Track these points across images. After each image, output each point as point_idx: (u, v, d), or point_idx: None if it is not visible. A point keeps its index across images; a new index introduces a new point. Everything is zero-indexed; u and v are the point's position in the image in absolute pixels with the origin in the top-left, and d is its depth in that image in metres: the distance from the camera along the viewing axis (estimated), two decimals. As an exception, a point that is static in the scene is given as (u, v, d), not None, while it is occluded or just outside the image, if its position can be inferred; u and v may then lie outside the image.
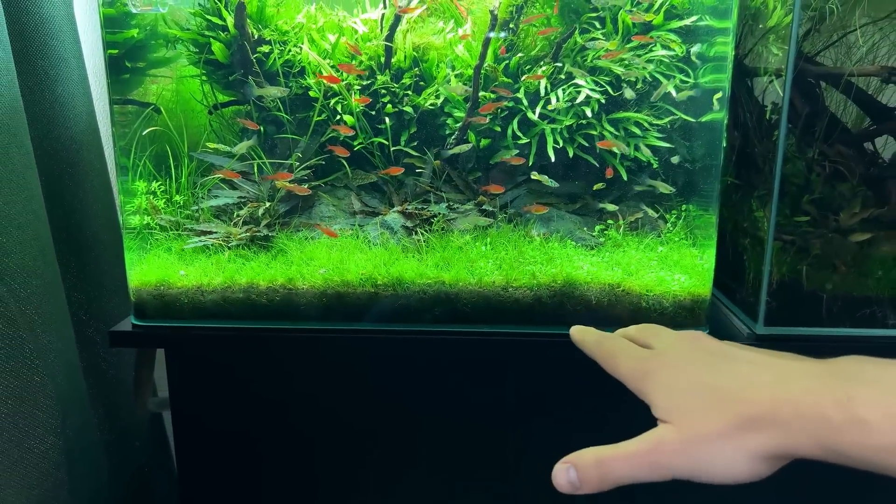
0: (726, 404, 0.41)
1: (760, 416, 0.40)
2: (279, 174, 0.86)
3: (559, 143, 0.87)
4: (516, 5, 0.89)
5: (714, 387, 0.43)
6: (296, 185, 0.86)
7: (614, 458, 0.44)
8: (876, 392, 0.37)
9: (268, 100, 0.89)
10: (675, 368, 0.47)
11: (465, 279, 0.83)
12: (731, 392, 0.42)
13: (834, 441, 0.37)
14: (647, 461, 0.43)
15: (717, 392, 0.43)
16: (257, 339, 0.84)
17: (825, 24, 0.86)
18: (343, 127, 0.87)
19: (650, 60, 0.87)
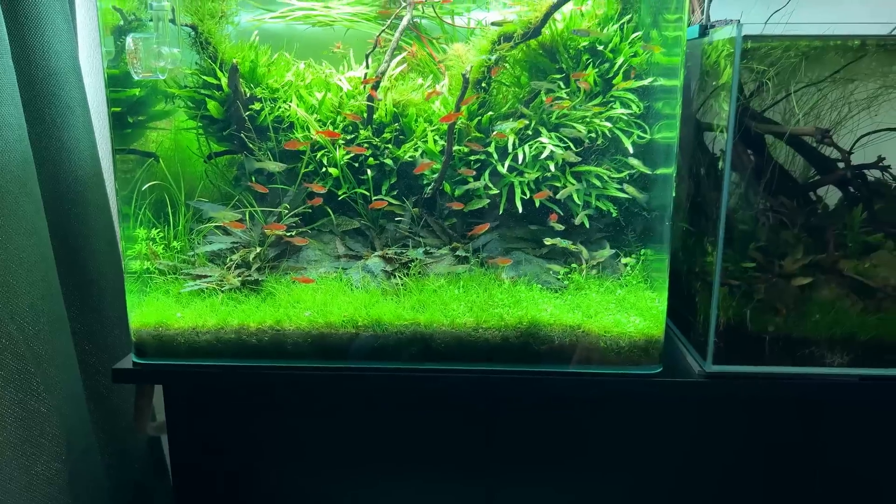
0: None
1: None
2: (273, 225, 0.93)
3: (526, 193, 0.95)
4: (488, 66, 0.97)
5: None
6: (296, 238, 0.94)
7: None
8: None
9: (259, 153, 0.97)
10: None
11: (439, 321, 0.91)
12: None
13: None
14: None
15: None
16: (247, 376, 0.92)
17: (771, 84, 0.94)
18: (316, 185, 0.95)
19: (610, 118, 0.95)
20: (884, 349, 0.89)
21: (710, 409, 0.94)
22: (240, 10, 0.99)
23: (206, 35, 0.96)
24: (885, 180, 0.97)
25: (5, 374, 0.94)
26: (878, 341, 0.90)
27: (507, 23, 0.94)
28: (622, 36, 0.95)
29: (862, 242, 0.93)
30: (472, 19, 1.01)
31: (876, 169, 0.98)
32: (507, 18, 0.94)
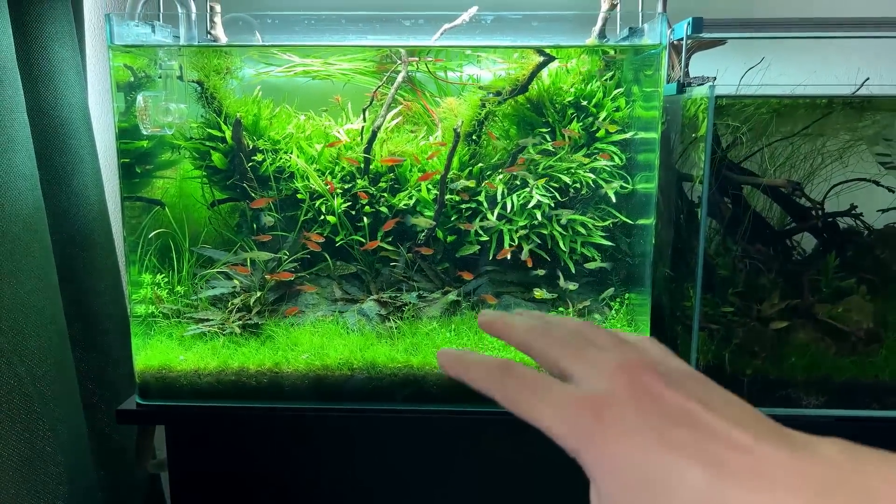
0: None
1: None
2: (282, 273, 0.98)
3: (514, 241, 1.00)
4: (478, 120, 1.03)
5: (679, 477, 0.32)
6: (306, 286, 0.99)
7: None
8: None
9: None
10: (624, 435, 0.34)
11: (432, 363, 0.95)
12: (700, 491, 0.32)
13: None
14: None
15: (685, 486, 0.32)
16: (247, 417, 0.95)
17: (745, 138, 1.00)
18: (312, 242, 1.00)
19: (593, 169, 1.00)
20: (858, 391, 0.93)
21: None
22: (243, 65, 1.05)
23: (211, 90, 1.02)
24: (857, 227, 1.02)
25: (13, 413, 0.97)
26: (853, 383, 0.94)
27: (492, 86, 1.00)
28: (605, 91, 1.00)
29: (835, 287, 0.97)
30: (463, 75, 1.06)
31: (849, 216, 1.03)
32: (488, 96, 1.00)
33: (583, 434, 0.34)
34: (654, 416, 0.34)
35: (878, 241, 1.03)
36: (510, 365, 0.40)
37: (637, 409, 0.34)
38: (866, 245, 1.02)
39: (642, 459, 0.32)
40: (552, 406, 0.36)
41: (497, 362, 0.41)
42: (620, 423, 0.34)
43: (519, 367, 0.39)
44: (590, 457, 0.34)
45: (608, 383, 0.36)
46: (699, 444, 0.32)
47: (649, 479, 0.32)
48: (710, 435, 0.32)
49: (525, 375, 0.38)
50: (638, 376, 0.36)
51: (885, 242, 1.02)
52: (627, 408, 0.34)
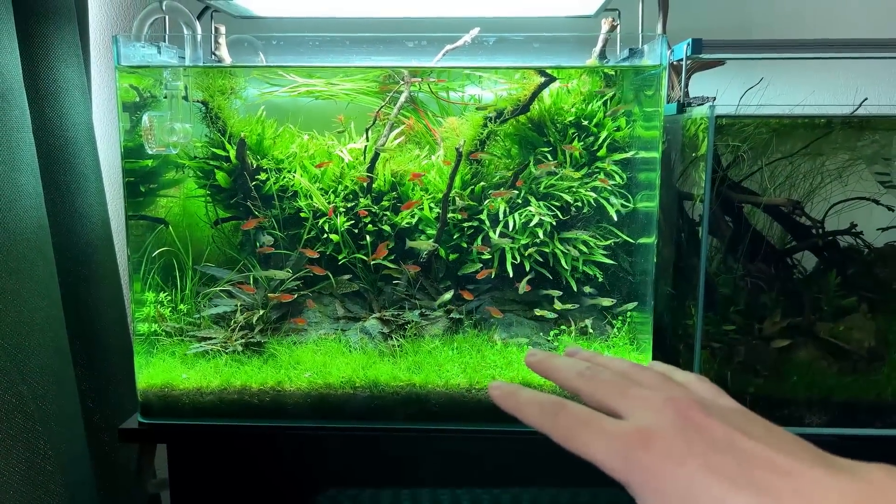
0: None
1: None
2: (282, 295, 0.98)
3: (517, 258, 1.00)
4: (480, 139, 1.03)
5: (724, 502, 0.34)
6: (310, 301, 1.00)
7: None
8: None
9: (264, 220, 1.02)
10: (671, 462, 0.36)
11: (434, 381, 0.95)
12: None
13: None
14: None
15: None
16: (249, 436, 0.95)
17: (745, 157, 1.00)
18: (309, 251, 1.01)
19: (595, 188, 1.00)
20: (859, 409, 0.93)
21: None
22: (248, 86, 1.06)
23: (216, 110, 1.03)
24: (858, 246, 1.03)
25: (14, 432, 0.97)
26: (854, 401, 0.94)
27: (490, 107, 1.01)
28: (605, 111, 1.01)
29: (837, 306, 0.98)
30: (465, 95, 1.07)
31: (849, 235, 1.04)
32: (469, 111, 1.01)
33: (633, 464, 0.37)
34: (699, 446, 0.36)
35: (879, 260, 1.03)
36: (563, 403, 0.42)
37: (684, 439, 0.36)
38: (867, 263, 1.02)
39: (690, 486, 0.35)
40: (603, 440, 0.38)
41: (550, 400, 0.42)
42: (668, 452, 0.36)
43: (571, 405, 0.41)
44: (640, 486, 0.36)
45: (656, 417, 0.38)
46: (744, 470, 0.34)
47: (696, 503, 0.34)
48: (754, 461, 0.34)
49: (577, 413, 0.41)
50: (684, 410, 0.38)
51: (886, 261, 1.03)
52: (675, 438, 0.37)
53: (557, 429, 0.41)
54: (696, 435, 0.37)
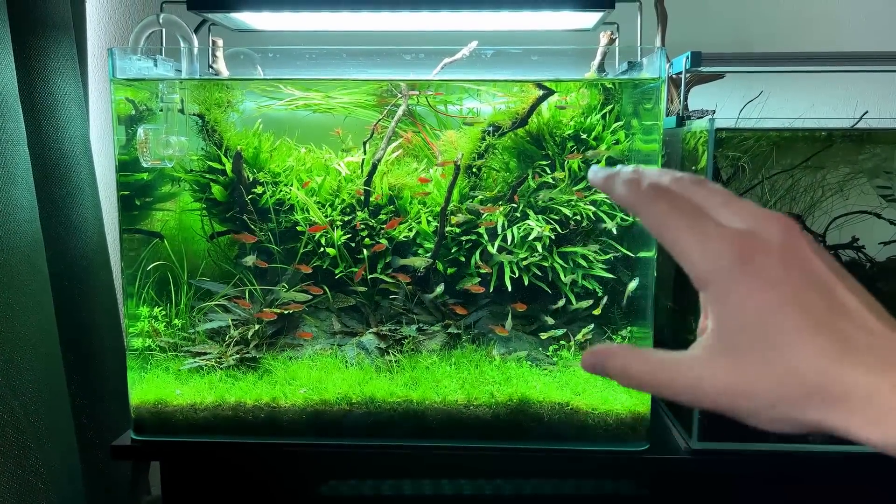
0: (807, 370, 0.33)
1: (844, 398, 0.32)
2: (265, 312, 0.97)
3: (515, 273, 0.99)
4: (478, 152, 1.03)
5: (801, 339, 0.33)
6: (312, 287, 0.99)
7: (639, 360, 0.37)
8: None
9: (260, 234, 1.01)
10: (764, 282, 0.34)
11: (431, 397, 0.94)
12: (817, 357, 0.33)
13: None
14: (682, 383, 0.36)
15: (803, 349, 0.33)
16: (244, 453, 0.93)
17: (746, 170, 1.00)
18: (303, 266, 1.00)
19: (594, 201, 1.00)
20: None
21: (697, 485, 0.96)
22: (244, 99, 1.06)
23: (212, 123, 1.02)
24: (860, 260, 1.01)
25: (5, 448, 0.96)
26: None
27: (477, 123, 1.01)
28: (604, 125, 1.01)
29: (839, 321, 0.96)
30: (464, 108, 1.07)
31: (850, 249, 1.03)
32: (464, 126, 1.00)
33: (723, 269, 0.35)
34: (796, 275, 0.34)
35: (881, 274, 1.02)
36: (665, 188, 0.38)
37: (783, 261, 0.35)
38: (868, 278, 1.01)
39: (773, 311, 0.34)
40: (700, 233, 0.36)
41: (652, 181, 0.38)
42: (764, 269, 0.34)
43: (673, 192, 0.38)
44: (722, 292, 0.35)
45: (762, 230, 0.36)
46: (831, 314, 0.33)
47: (773, 330, 0.33)
48: (842, 309, 0.34)
49: (679, 200, 0.37)
50: (792, 232, 0.36)
51: (888, 275, 1.02)
52: (774, 256, 0.35)
53: (653, 213, 0.38)
54: (797, 263, 0.35)
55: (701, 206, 0.37)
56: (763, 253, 0.35)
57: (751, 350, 0.34)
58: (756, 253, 0.35)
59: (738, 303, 0.34)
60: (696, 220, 0.36)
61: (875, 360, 0.32)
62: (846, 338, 0.33)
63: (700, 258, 0.36)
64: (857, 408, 0.31)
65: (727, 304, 0.35)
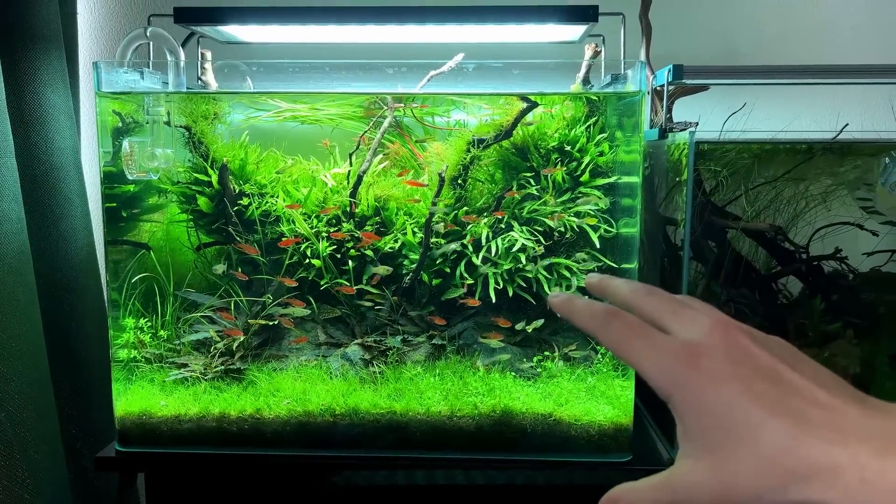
0: (774, 455, 0.34)
1: (814, 474, 0.33)
2: (233, 330, 0.98)
3: (500, 283, 0.99)
4: (463, 164, 1.03)
5: (761, 426, 0.35)
6: (295, 300, 0.98)
7: (629, 493, 0.39)
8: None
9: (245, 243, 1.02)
10: (714, 383, 0.37)
11: (415, 409, 0.94)
12: (780, 441, 0.34)
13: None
14: (683, 499, 0.37)
15: (766, 435, 0.35)
16: (228, 464, 0.94)
17: (727, 182, 1.00)
18: (287, 279, 1.00)
19: (577, 213, 1.00)
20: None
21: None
22: (231, 111, 1.06)
23: (198, 135, 1.03)
24: (843, 271, 1.02)
25: (-9, 460, 0.96)
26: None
27: (461, 135, 1.02)
28: (588, 136, 1.01)
29: (822, 332, 0.97)
30: (451, 120, 1.07)
31: (833, 260, 1.03)
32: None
33: (677, 379, 0.38)
34: (743, 369, 0.37)
35: (864, 285, 1.03)
36: (617, 312, 0.42)
37: (728, 361, 0.37)
38: (852, 289, 1.02)
39: (730, 408, 0.36)
40: (651, 350, 0.39)
41: (604, 308, 0.43)
42: (712, 371, 0.37)
43: (625, 315, 0.42)
44: (681, 400, 0.38)
45: (705, 336, 0.39)
46: (784, 399, 0.35)
47: (734, 425, 0.36)
48: (794, 392, 0.36)
49: (629, 321, 0.42)
50: (732, 333, 0.39)
51: (871, 286, 1.02)
52: (720, 359, 0.37)
53: (609, 335, 0.42)
54: (741, 359, 0.37)
55: (653, 319, 0.41)
56: (708, 357, 0.38)
57: (721, 448, 0.36)
58: (702, 358, 0.38)
59: (696, 407, 0.37)
60: (647, 338, 0.40)
61: (833, 433, 0.34)
62: (803, 416, 0.35)
63: (656, 373, 0.39)
64: (828, 483, 0.33)
65: (688, 410, 0.37)
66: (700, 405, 0.37)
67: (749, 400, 0.36)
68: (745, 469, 0.35)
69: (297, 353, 1.00)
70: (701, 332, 0.39)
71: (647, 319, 0.42)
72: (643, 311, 0.43)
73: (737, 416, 0.36)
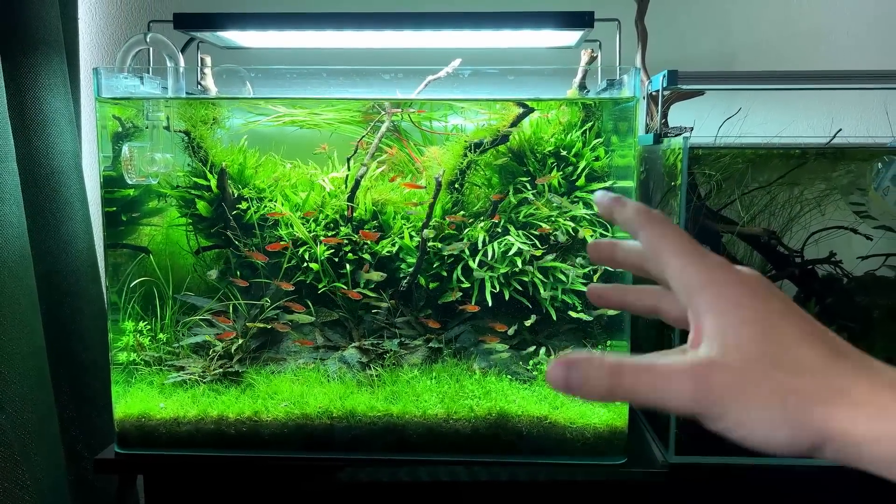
0: (807, 370, 0.35)
1: (837, 392, 0.34)
2: (226, 333, 0.99)
3: (496, 287, 1.00)
4: (460, 168, 1.04)
5: (801, 347, 0.36)
6: (296, 305, 0.99)
7: (637, 370, 0.37)
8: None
9: (244, 249, 1.03)
10: (761, 299, 0.37)
11: (412, 412, 0.95)
12: (815, 362, 0.35)
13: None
14: (684, 386, 0.35)
15: (803, 355, 0.35)
16: (226, 466, 0.94)
17: (721, 186, 1.01)
18: (284, 283, 1.01)
19: (573, 217, 1.01)
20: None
21: (674, 499, 0.96)
22: (231, 115, 1.07)
23: (198, 140, 1.04)
24: (837, 275, 1.03)
25: (-8, 462, 0.97)
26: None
27: (458, 139, 1.03)
28: (584, 141, 1.02)
29: (816, 335, 0.97)
30: (448, 125, 1.08)
31: (828, 264, 1.04)
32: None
33: (718, 280, 0.39)
34: (781, 297, 0.38)
35: (859, 289, 1.03)
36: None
37: (769, 288, 0.39)
38: (846, 292, 1.02)
39: (775, 317, 0.37)
40: (697, 253, 0.40)
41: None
42: (758, 287, 0.38)
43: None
44: (716, 296, 0.38)
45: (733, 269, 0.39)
46: (817, 328, 0.37)
47: (776, 333, 0.36)
48: (823, 328, 0.37)
49: (674, 225, 0.42)
50: (757, 279, 0.39)
51: (866, 289, 1.03)
52: (761, 282, 0.39)
53: (654, 235, 0.42)
54: (777, 292, 0.39)
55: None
56: (751, 276, 0.39)
57: (755, 342, 0.36)
58: (745, 274, 0.39)
59: (736, 303, 0.37)
60: (691, 241, 0.41)
61: (861, 366, 0.35)
62: (836, 346, 0.36)
63: (700, 268, 0.39)
64: (860, 402, 0.33)
65: (725, 305, 0.37)
66: (739, 303, 0.37)
67: (794, 319, 0.37)
68: (779, 368, 0.35)
69: (294, 356, 1.01)
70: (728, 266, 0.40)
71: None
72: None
73: (780, 326, 0.36)
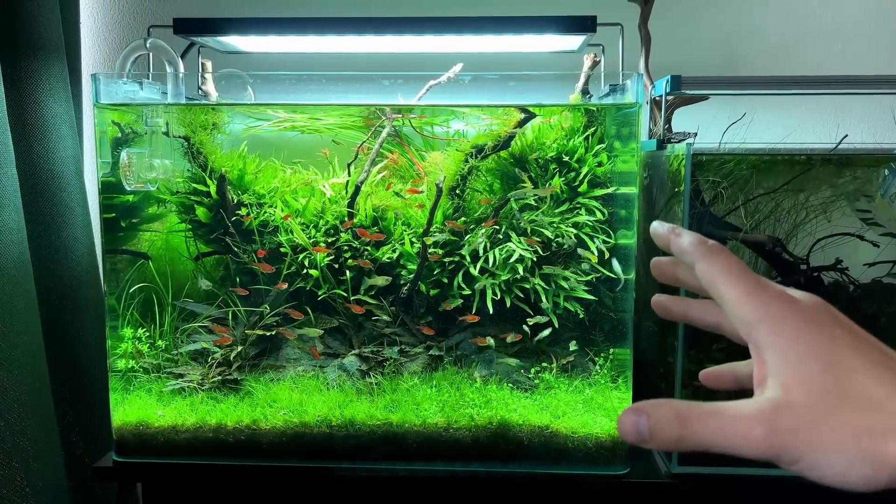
0: (879, 404, 0.34)
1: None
2: (222, 339, 0.98)
3: (497, 294, 0.99)
4: (461, 174, 1.03)
5: (869, 380, 0.35)
6: (288, 332, 0.98)
7: (705, 416, 0.36)
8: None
9: (244, 256, 1.02)
10: (801, 329, 0.37)
11: (411, 420, 0.94)
12: (885, 394, 0.35)
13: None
14: (753, 432, 0.35)
15: (871, 388, 0.35)
16: (224, 474, 0.94)
17: (725, 193, 1.00)
18: (294, 311, 1.00)
19: (576, 223, 1.00)
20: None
21: (680, 509, 0.95)
22: (230, 121, 1.07)
23: (197, 145, 1.03)
24: (843, 282, 1.01)
25: (-10, 470, 0.96)
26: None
27: (459, 145, 1.02)
28: (587, 147, 1.01)
29: (821, 344, 0.96)
30: (450, 130, 1.07)
31: (834, 271, 1.02)
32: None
33: (778, 313, 0.39)
34: (846, 326, 0.39)
35: (865, 296, 1.02)
36: (721, 247, 0.43)
37: (832, 316, 0.40)
38: (853, 300, 1.01)
39: (839, 348, 0.37)
40: (754, 285, 0.40)
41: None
42: (819, 317, 0.39)
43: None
44: (777, 330, 0.38)
45: (800, 294, 0.40)
46: (884, 358, 0.37)
47: (842, 366, 0.36)
48: (890, 357, 0.37)
49: (732, 256, 0.42)
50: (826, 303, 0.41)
51: (872, 297, 1.01)
52: (823, 312, 0.39)
53: (713, 266, 0.42)
54: (840, 319, 0.39)
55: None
56: (811, 306, 0.39)
57: (818, 378, 0.36)
58: (804, 304, 0.39)
59: (795, 338, 0.37)
60: (747, 272, 0.41)
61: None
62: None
63: (756, 303, 0.39)
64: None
65: (783, 340, 0.37)
66: (801, 337, 0.37)
67: (860, 350, 0.36)
68: (852, 403, 0.34)
69: (294, 363, 1.00)
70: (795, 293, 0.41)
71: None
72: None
73: (846, 358, 0.36)
